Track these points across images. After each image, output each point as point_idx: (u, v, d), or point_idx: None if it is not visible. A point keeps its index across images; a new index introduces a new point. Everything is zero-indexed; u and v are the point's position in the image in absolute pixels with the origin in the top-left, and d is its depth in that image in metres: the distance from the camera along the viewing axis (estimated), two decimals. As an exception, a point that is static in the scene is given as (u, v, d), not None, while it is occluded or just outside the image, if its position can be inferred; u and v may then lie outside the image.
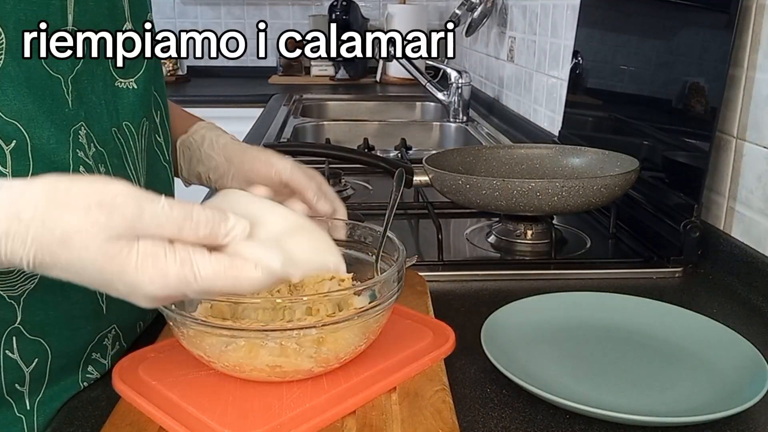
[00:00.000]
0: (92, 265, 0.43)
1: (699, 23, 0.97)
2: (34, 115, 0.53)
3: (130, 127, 0.63)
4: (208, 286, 0.44)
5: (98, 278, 0.43)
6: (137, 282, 0.43)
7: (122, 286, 0.44)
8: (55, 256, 0.42)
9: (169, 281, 0.43)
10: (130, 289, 0.44)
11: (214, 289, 0.45)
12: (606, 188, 0.91)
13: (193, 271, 0.43)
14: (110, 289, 0.45)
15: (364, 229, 0.71)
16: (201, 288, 0.44)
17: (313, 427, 0.54)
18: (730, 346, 0.67)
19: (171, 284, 0.43)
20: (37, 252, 0.42)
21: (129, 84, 0.64)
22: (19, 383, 0.58)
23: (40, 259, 0.42)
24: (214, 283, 0.44)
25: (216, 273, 0.44)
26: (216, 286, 0.44)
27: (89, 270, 0.43)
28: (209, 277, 0.44)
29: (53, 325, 0.58)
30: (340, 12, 2.61)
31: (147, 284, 0.43)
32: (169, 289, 0.44)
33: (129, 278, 0.43)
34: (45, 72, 0.54)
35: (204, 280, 0.44)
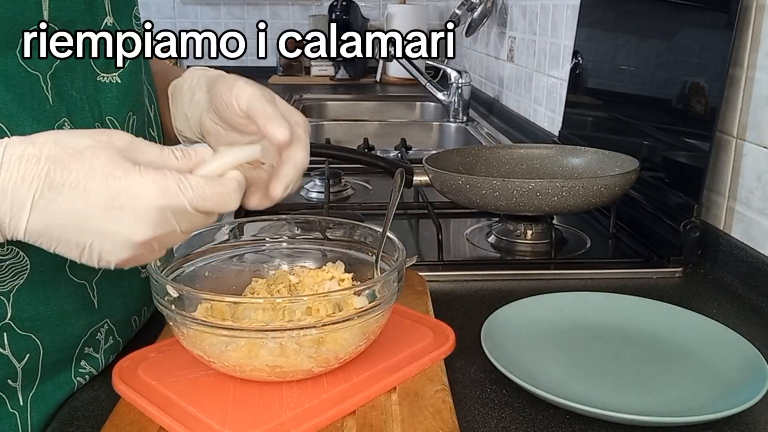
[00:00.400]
0: (101, 172, 0.46)
1: (699, 23, 0.97)
2: (15, 112, 0.53)
3: (114, 121, 0.63)
4: (200, 194, 0.48)
5: (103, 192, 0.46)
6: (140, 186, 0.46)
7: (125, 197, 0.46)
8: (66, 170, 0.46)
9: (168, 184, 0.47)
10: (131, 200, 0.46)
11: (204, 197, 0.49)
12: (606, 188, 0.91)
13: (188, 181, 0.48)
14: (111, 208, 0.46)
15: (364, 229, 0.71)
16: (195, 196, 0.48)
17: (313, 427, 0.54)
18: (730, 346, 0.67)
19: (171, 189, 0.47)
20: (50, 169, 0.45)
21: (112, 78, 0.63)
22: (11, 379, 0.58)
23: (51, 177, 0.45)
24: (204, 191, 0.49)
25: (206, 183, 0.49)
26: (206, 194, 0.49)
27: (96, 180, 0.46)
28: (200, 185, 0.49)
29: (44, 321, 0.58)
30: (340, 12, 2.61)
31: (150, 186, 0.46)
32: (168, 195, 0.47)
33: (132, 181, 0.46)
34: (23, 69, 0.54)
35: (197, 189, 0.48)
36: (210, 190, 0.49)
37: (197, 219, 0.50)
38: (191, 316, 0.57)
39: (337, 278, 0.68)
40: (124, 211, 0.46)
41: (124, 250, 0.48)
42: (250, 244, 0.73)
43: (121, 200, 0.46)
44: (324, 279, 0.68)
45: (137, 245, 0.48)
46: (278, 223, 0.74)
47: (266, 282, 0.69)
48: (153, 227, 0.47)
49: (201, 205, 0.49)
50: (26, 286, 0.57)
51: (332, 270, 0.68)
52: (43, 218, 0.46)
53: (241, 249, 0.72)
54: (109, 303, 0.64)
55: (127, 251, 0.48)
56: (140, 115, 0.67)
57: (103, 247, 0.48)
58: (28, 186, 0.45)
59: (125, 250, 0.48)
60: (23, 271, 0.56)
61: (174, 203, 0.48)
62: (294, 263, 0.72)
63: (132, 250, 0.48)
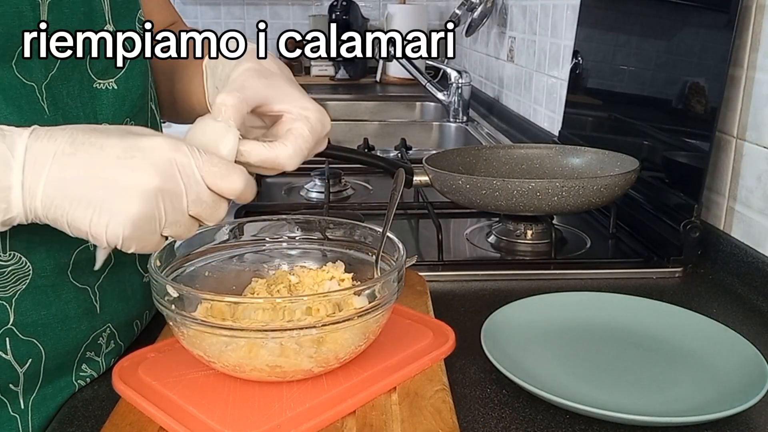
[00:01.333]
0: (118, 134, 0.49)
1: (699, 23, 0.97)
2: (16, 124, 0.53)
3: None
4: (207, 159, 0.50)
5: (117, 145, 0.48)
6: (153, 141, 0.49)
7: (137, 149, 0.48)
8: (87, 134, 0.49)
9: (179, 144, 0.50)
10: (143, 151, 0.48)
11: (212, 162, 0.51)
12: (606, 188, 0.91)
13: (200, 150, 0.51)
14: (123, 158, 0.48)
15: (364, 229, 0.71)
16: (202, 159, 0.50)
17: (313, 427, 0.54)
18: (730, 346, 0.67)
19: (181, 147, 0.50)
20: (74, 132, 0.49)
21: (108, 84, 0.63)
22: (13, 383, 0.58)
23: (74, 137, 0.48)
24: (212, 158, 0.51)
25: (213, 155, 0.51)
26: (213, 160, 0.51)
27: (113, 139, 0.49)
28: (209, 154, 0.51)
29: (46, 326, 0.58)
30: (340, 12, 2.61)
31: (162, 141, 0.49)
32: (178, 150, 0.49)
33: (146, 138, 0.49)
34: (19, 81, 0.54)
35: (204, 155, 0.50)
36: (218, 159, 0.51)
37: (204, 194, 0.51)
38: (191, 316, 0.57)
39: (337, 278, 0.68)
40: (135, 159, 0.48)
41: (133, 201, 0.48)
42: (250, 244, 0.73)
43: (133, 151, 0.48)
44: (324, 279, 0.68)
45: (145, 194, 0.48)
46: (278, 223, 0.74)
47: (266, 282, 0.69)
48: (161, 176, 0.48)
49: (206, 170, 0.50)
50: (28, 291, 0.57)
51: (332, 270, 0.68)
52: (60, 171, 0.47)
53: (241, 249, 0.72)
54: (111, 307, 0.64)
55: (135, 202, 0.48)
56: (140, 120, 0.67)
57: (113, 198, 0.48)
58: (52, 143, 0.48)
59: (133, 199, 0.48)
60: (25, 276, 0.56)
61: (183, 159, 0.49)
62: (294, 263, 0.72)
63: (140, 201, 0.48)
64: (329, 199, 1.18)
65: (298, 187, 1.32)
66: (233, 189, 0.52)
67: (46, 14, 0.55)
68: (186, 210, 0.50)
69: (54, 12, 0.55)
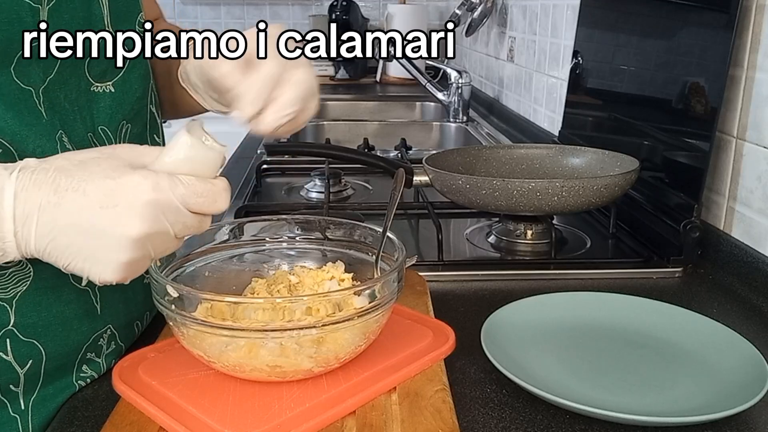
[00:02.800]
0: (100, 176, 0.48)
1: (699, 23, 0.97)
2: (17, 130, 0.54)
3: (106, 131, 0.63)
4: (191, 191, 0.49)
5: (99, 192, 0.47)
6: (132, 183, 0.48)
7: (118, 194, 0.47)
8: (70, 176, 0.48)
9: (159, 180, 0.48)
10: (124, 197, 0.47)
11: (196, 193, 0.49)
12: (606, 188, 0.91)
13: (180, 179, 0.49)
14: (106, 206, 0.47)
15: (364, 229, 0.71)
16: (185, 192, 0.49)
17: (313, 427, 0.54)
18: (730, 346, 0.67)
19: (161, 185, 0.48)
20: (57, 176, 0.48)
21: (106, 87, 0.63)
22: (13, 384, 0.58)
23: (57, 182, 0.48)
24: (195, 188, 0.49)
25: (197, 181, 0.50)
26: (197, 190, 0.49)
27: (95, 182, 0.48)
28: (191, 183, 0.49)
29: (47, 327, 0.58)
30: (340, 12, 2.60)
31: (141, 182, 0.48)
32: (159, 190, 0.48)
33: (125, 179, 0.48)
34: (16, 86, 0.54)
35: (188, 186, 0.49)
36: (201, 188, 0.50)
37: (189, 220, 0.50)
38: (191, 316, 0.57)
39: (337, 278, 0.68)
40: (118, 208, 0.47)
41: (121, 250, 0.48)
42: (250, 244, 0.73)
43: (115, 198, 0.47)
44: (324, 279, 0.68)
45: (132, 243, 0.48)
46: (278, 223, 0.74)
47: (266, 282, 0.69)
48: (146, 222, 0.48)
49: (192, 202, 0.49)
50: (29, 292, 0.57)
51: (332, 270, 0.68)
52: (49, 223, 0.47)
53: (241, 249, 0.72)
54: (112, 309, 0.64)
55: (124, 251, 0.48)
56: (137, 123, 0.67)
57: (102, 249, 0.48)
58: (37, 191, 0.47)
59: (122, 249, 0.48)
60: (26, 277, 0.56)
61: (165, 198, 0.48)
62: (294, 263, 0.72)
63: (128, 249, 0.48)
64: (329, 199, 1.18)
65: (298, 187, 1.32)
66: (218, 211, 0.52)
67: (46, 20, 0.55)
68: (174, 238, 0.50)
69: (53, 17, 0.55)
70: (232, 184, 0.54)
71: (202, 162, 0.51)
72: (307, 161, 1.43)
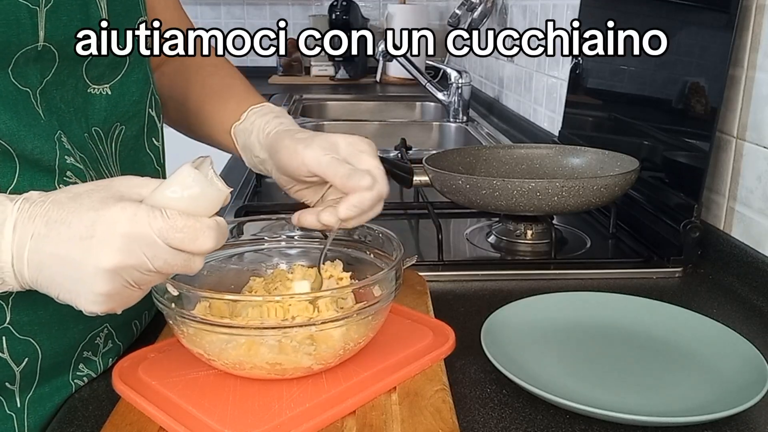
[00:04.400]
0: (87, 208, 0.48)
1: (699, 23, 0.97)
2: (15, 130, 0.54)
3: (99, 132, 0.63)
4: (170, 225, 0.47)
5: (81, 224, 0.47)
6: (110, 215, 0.47)
7: (96, 226, 0.47)
8: (62, 209, 0.48)
9: (137, 212, 0.47)
10: (100, 229, 0.47)
11: (175, 228, 0.47)
12: (606, 188, 0.91)
13: (161, 212, 0.47)
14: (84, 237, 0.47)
15: (364, 229, 0.71)
16: (163, 226, 0.47)
17: (313, 427, 0.54)
18: (730, 346, 0.67)
19: (138, 217, 0.47)
20: (50, 208, 0.48)
21: (103, 90, 0.63)
22: (9, 382, 0.58)
23: (49, 215, 0.48)
24: (175, 223, 0.47)
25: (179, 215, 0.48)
26: (176, 225, 0.47)
27: (79, 215, 0.47)
28: (172, 217, 0.47)
29: (43, 325, 0.58)
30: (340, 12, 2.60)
31: (118, 214, 0.47)
32: (134, 223, 0.47)
33: (105, 211, 0.47)
34: (14, 87, 0.54)
35: (167, 220, 0.47)
36: (182, 223, 0.47)
37: (170, 257, 0.48)
38: (190, 314, 0.57)
39: (335, 277, 0.68)
40: (93, 240, 0.47)
41: (97, 282, 0.47)
42: (249, 243, 0.73)
43: (92, 229, 0.47)
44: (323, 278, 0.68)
45: (105, 274, 0.47)
46: (278, 223, 0.74)
47: (264, 281, 0.69)
48: (118, 254, 0.47)
49: (170, 236, 0.47)
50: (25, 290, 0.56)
51: (330, 268, 0.68)
52: (38, 253, 0.47)
53: (240, 248, 0.72)
54: None
55: (100, 283, 0.47)
56: (132, 126, 0.67)
57: (81, 280, 0.47)
58: (30, 224, 0.48)
59: (98, 281, 0.47)
60: None
61: (140, 231, 0.47)
62: (293, 262, 0.72)
63: (101, 281, 0.47)
64: (329, 199, 1.18)
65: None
66: (201, 250, 0.49)
67: (44, 22, 0.55)
68: (156, 272, 0.49)
69: (52, 20, 0.55)
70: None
71: (200, 198, 0.49)
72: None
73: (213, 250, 0.50)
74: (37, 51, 0.55)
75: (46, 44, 0.55)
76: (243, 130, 0.72)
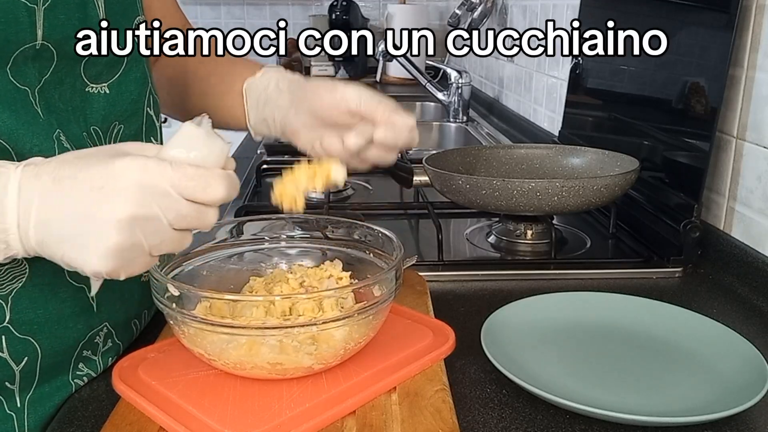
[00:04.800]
0: (95, 161, 0.48)
1: (699, 23, 0.97)
2: (13, 128, 0.54)
3: (98, 131, 0.63)
4: (181, 173, 0.47)
5: (89, 177, 0.47)
6: (121, 166, 0.47)
7: (106, 177, 0.47)
8: (69, 166, 0.48)
9: (148, 163, 0.47)
10: (112, 179, 0.47)
11: (186, 176, 0.48)
12: (606, 188, 0.91)
13: (171, 162, 0.48)
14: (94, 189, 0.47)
15: (364, 228, 0.71)
16: (175, 175, 0.47)
17: (313, 427, 0.54)
18: (730, 346, 0.67)
19: (149, 166, 0.47)
20: (57, 166, 0.48)
21: (101, 89, 0.63)
22: (9, 381, 0.58)
23: (57, 172, 0.48)
24: (186, 171, 0.48)
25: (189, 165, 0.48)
26: (188, 173, 0.48)
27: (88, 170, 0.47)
28: (182, 165, 0.48)
29: (43, 324, 0.58)
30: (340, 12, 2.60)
31: (129, 164, 0.47)
32: (146, 171, 0.47)
33: (115, 163, 0.47)
34: (13, 86, 0.54)
35: (178, 169, 0.48)
36: (192, 171, 0.48)
37: (183, 208, 0.48)
38: (191, 314, 0.57)
39: (335, 276, 0.68)
40: (104, 190, 0.46)
41: (109, 233, 0.46)
42: (250, 243, 0.73)
43: (103, 181, 0.47)
44: (322, 277, 0.68)
45: (118, 225, 0.46)
46: (278, 223, 0.74)
47: (264, 281, 0.69)
48: (131, 204, 0.46)
49: (182, 185, 0.47)
50: (25, 289, 0.57)
51: (330, 268, 0.68)
52: (45, 212, 0.47)
53: (240, 248, 0.72)
54: (109, 306, 0.64)
55: (110, 234, 0.46)
56: (131, 125, 0.67)
57: (89, 234, 0.47)
58: (37, 181, 0.48)
59: (110, 232, 0.46)
60: (22, 274, 0.56)
61: (152, 179, 0.47)
62: (293, 262, 0.73)
63: (114, 232, 0.46)
64: (329, 199, 1.18)
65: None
66: (214, 199, 0.49)
67: (42, 20, 0.55)
68: (169, 228, 0.48)
69: (50, 18, 0.55)
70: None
71: (205, 150, 0.49)
72: (307, 161, 1.42)
73: (225, 201, 0.49)
74: (35, 49, 0.55)
75: (45, 43, 0.55)
76: (257, 84, 0.74)
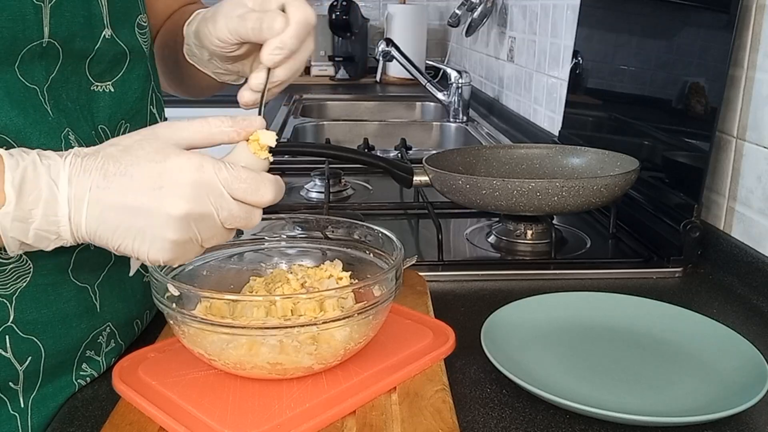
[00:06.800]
0: (145, 159, 0.49)
1: (699, 23, 0.97)
2: (21, 127, 0.54)
3: (105, 130, 0.63)
4: (234, 175, 0.50)
5: (146, 175, 0.49)
6: (177, 165, 0.49)
7: (165, 176, 0.49)
8: (117, 162, 0.50)
9: (203, 163, 0.50)
10: (169, 178, 0.49)
11: (239, 178, 0.50)
12: (606, 188, 0.91)
13: (224, 164, 0.51)
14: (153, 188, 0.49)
15: (364, 228, 0.71)
16: (228, 176, 0.50)
17: (313, 427, 0.54)
18: (730, 346, 0.67)
19: (205, 167, 0.50)
20: (105, 162, 0.49)
21: (106, 87, 0.63)
22: (12, 381, 0.58)
23: (106, 168, 0.49)
24: (239, 174, 0.51)
25: (242, 168, 0.51)
26: (240, 176, 0.51)
27: (141, 166, 0.49)
28: (236, 168, 0.51)
29: (46, 324, 0.58)
30: (340, 12, 2.60)
31: (185, 163, 0.49)
32: (202, 171, 0.49)
33: (171, 162, 0.49)
34: (21, 84, 0.54)
35: (231, 171, 0.50)
36: (245, 174, 0.51)
37: (235, 208, 0.51)
38: (191, 314, 0.57)
39: (335, 276, 0.68)
40: (163, 189, 0.49)
41: (168, 229, 0.49)
42: (250, 243, 0.73)
43: (161, 180, 0.49)
44: (322, 277, 0.68)
45: (177, 221, 0.49)
46: (278, 223, 0.74)
47: (264, 281, 0.69)
48: (189, 202, 0.49)
49: (235, 186, 0.50)
50: (29, 289, 0.57)
51: (330, 268, 0.68)
52: (98, 205, 0.49)
53: (240, 248, 0.72)
54: (111, 306, 0.64)
55: (170, 230, 0.49)
56: (137, 123, 0.67)
57: (149, 228, 0.49)
58: (86, 176, 0.49)
59: (169, 228, 0.49)
60: (26, 274, 0.56)
61: (208, 179, 0.49)
62: (293, 262, 0.73)
63: (174, 228, 0.49)
64: (329, 199, 1.18)
65: (298, 187, 1.32)
66: (263, 202, 0.52)
67: (48, 18, 0.55)
68: (220, 225, 0.51)
69: (56, 16, 0.56)
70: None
71: (252, 158, 0.53)
72: (307, 161, 1.42)
73: (272, 204, 0.53)
74: (42, 47, 0.55)
75: (51, 40, 0.56)
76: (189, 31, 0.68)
